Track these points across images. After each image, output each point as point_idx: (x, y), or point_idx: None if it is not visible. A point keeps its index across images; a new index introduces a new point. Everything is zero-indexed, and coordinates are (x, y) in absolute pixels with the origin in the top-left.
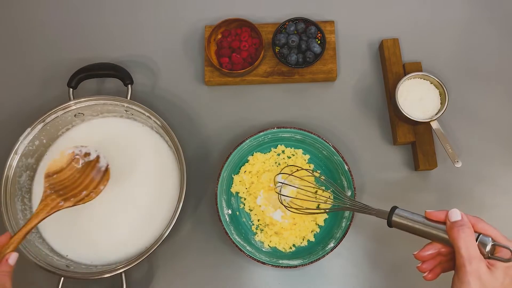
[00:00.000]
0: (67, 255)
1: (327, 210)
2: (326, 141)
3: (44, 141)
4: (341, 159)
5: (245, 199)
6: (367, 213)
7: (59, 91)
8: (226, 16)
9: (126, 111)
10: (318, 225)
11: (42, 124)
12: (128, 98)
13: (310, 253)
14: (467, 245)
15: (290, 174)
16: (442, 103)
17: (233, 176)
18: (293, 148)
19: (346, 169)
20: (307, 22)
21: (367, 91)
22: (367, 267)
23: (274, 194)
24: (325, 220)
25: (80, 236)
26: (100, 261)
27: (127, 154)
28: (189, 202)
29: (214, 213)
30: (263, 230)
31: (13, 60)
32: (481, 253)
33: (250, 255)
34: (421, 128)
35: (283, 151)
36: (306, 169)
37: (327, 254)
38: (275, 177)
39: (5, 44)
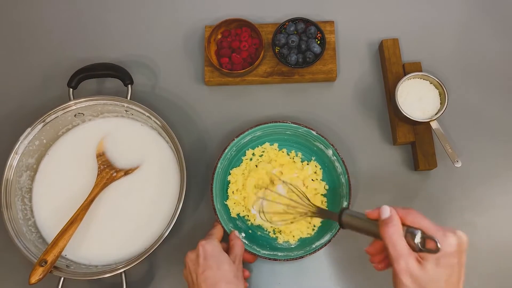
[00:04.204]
0: (66, 255)
1: (297, 218)
2: (311, 129)
3: (44, 141)
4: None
5: (248, 215)
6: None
7: (59, 91)
8: (226, 16)
9: (126, 111)
10: None
11: (42, 124)
12: (128, 98)
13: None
14: (393, 243)
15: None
16: (442, 103)
17: (225, 203)
18: (267, 143)
19: (339, 156)
20: (307, 22)
21: (367, 91)
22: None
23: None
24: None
25: (80, 236)
26: (100, 261)
27: (127, 155)
28: (189, 202)
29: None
30: (281, 231)
31: (13, 60)
32: (412, 246)
33: (286, 258)
34: (421, 128)
35: (253, 154)
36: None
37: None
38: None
39: (5, 44)
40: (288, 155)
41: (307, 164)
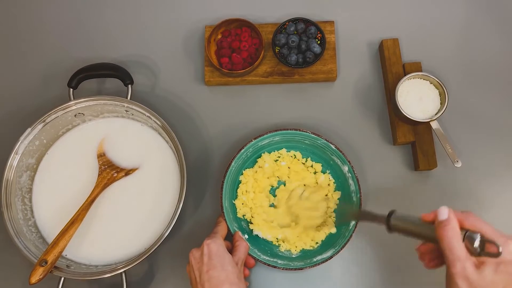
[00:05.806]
0: (67, 255)
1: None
2: (330, 142)
3: (45, 141)
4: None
5: (252, 218)
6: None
7: (59, 91)
8: (226, 16)
9: (126, 111)
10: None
11: (42, 124)
12: (128, 98)
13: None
14: (450, 246)
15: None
16: (442, 103)
17: (233, 202)
18: (277, 150)
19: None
20: (307, 22)
21: (367, 91)
22: (370, 268)
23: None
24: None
25: (81, 236)
26: (100, 261)
27: (128, 155)
28: (189, 202)
29: (214, 213)
30: (284, 240)
31: (13, 60)
32: (470, 250)
33: (285, 267)
34: (421, 128)
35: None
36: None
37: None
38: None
39: (6, 44)
40: (304, 164)
41: (322, 174)
